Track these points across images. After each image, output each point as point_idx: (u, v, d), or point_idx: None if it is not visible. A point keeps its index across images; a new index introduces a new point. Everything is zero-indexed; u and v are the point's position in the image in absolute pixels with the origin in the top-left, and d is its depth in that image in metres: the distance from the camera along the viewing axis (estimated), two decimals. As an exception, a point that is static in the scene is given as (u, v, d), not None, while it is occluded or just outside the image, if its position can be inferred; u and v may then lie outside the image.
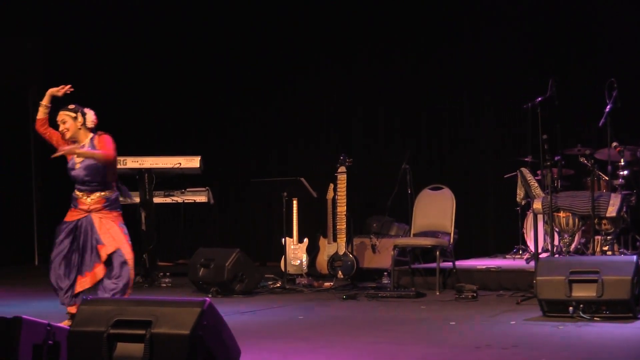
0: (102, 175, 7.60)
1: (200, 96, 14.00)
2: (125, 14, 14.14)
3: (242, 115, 13.87)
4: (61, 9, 14.39)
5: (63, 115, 7.72)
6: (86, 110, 7.82)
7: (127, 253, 7.47)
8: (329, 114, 13.29)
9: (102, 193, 7.61)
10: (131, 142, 13.28)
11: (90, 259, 7.47)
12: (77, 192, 7.67)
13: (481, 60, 12.45)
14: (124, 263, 7.41)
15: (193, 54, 13.99)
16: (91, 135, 7.76)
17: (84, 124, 7.73)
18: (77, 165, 7.64)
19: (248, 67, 13.79)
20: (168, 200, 11.48)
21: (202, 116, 14.07)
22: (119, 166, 10.92)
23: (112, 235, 7.48)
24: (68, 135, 7.69)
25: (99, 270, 7.45)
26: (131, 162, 10.95)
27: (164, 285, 10.76)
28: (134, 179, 11.11)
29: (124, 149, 11.64)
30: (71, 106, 7.78)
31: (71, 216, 7.70)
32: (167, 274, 11.15)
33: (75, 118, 7.72)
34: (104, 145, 7.67)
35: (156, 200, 11.21)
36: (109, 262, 7.43)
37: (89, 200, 7.60)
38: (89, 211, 7.58)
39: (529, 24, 12.10)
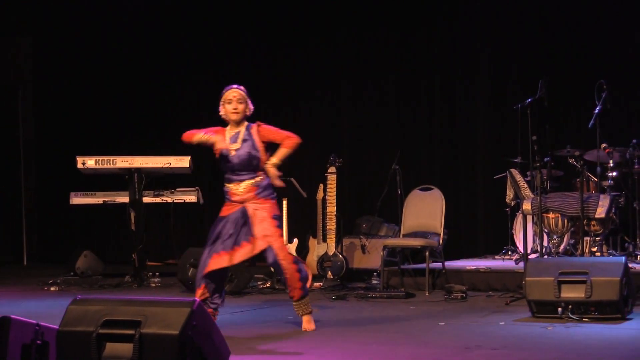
0: (256, 163, 7.16)
1: (191, 95, 13.99)
2: (115, 12, 14.14)
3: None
4: (51, 7, 14.38)
5: (240, 94, 7.25)
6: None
7: (279, 249, 7.05)
8: (319, 114, 13.29)
9: (253, 180, 7.13)
10: (121, 142, 13.33)
11: (232, 243, 7.07)
12: (227, 184, 7.19)
13: (471, 61, 12.48)
14: (276, 261, 7.06)
15: (183, 53, 13.99)
16: (246, 124, 7.28)
17: (249, 110, 7.33)
18: (233, 152, 7.16)
19: (238, 67, 13.78)
20: (158, 200, 11.46)
21: (192, 115, 14.05)
22: (108, 166, 10.96)
23: (264, 230, 7.06)
24: (236, 117, 7.24)
25: (239, 255, 7.10)
26: (121, 162, 10.92)
27: (153, 285, 10.75)
28: (124, 178, 11.10)
29: (113, 149, 11.71)
30: (242, 88, 7.30)
31: (226, 210, 7.17)
32: (157, 273, 11.14)
33: (247, 103, 7.27)
34: (278, 132, 7.29)
35: (146, 200, 11.19)
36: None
37: (240, 190, 7.13)
38: (242, 202, 7.13)
39: (520, 26, 12.12)
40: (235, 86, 7.28)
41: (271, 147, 7.35)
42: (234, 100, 7.20)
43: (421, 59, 12.73)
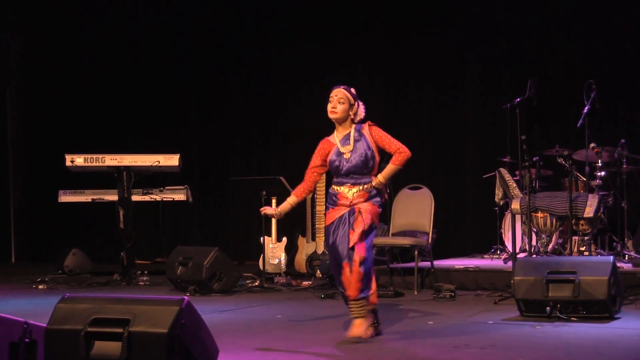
0: (372, 164, 6.86)
1: (180, 94, 13.98)
2: (104, 10, 14.11)
3: (222, 113, 13.86)
4: (40, 4, 14.35)
5: (342, 93, 6.89)
6: (361, 102, 7.00)
7: (357, 254, 6.61)
8: (308, 112, 13.29)
9: (366, 185, 6.78)
10: (110, 140, 13.31)
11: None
12: (336, 187, 6.86)
13: (461, 60, 12.49)
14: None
15: (172, 51, 13.97)
16: (354, 125, 6.94)
17: (355, 114, 6.92)
18: (347, 155, 6.84)
19: (228, 65, 13.78)
20: (146, 198, 11.44)
21: (182, 114, 14.06)
22: (97, 164, 10.93)
23: (358, 229, 6.67)
24: (334, 116, 6.89)
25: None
26: (109, 160, 10.90)
27: (142, 283, 10.73)
28: (113, 176, 11.08)
29: (102, 147, 11.68)
30: (353, 90, 6.99)
31: (332, 217, 6.83)
32: (145, 272, 11.12)
33: (352, 105, 6.90)
34: (390, 142, 6.95)
35: (134, 198, 11.17)
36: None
37: (351, 194, 6.79)
38: (350, 205, 6.78)
39: (510, 25, 12.15)
40: (340, 86, 6.97)
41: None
42: (334, 99, 6.87)
43: (411, 58, 12.75)
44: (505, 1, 12.16)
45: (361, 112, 7.00)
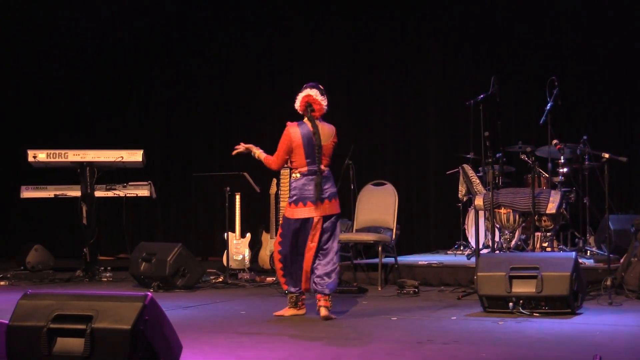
0: None
1: (143, 89, 13.92)
2: (66, 3, 14.02)
3: (186, 109, 13.81)
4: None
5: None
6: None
7: None
8: (272, 107, 13.28)
9: None
10: (73, 136, 13.23)
11: None
12: None
13: (424, 57, 12.53)
14: None
15: (134, 46, 13.90)
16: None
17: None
18: None
19: (191, 60, 13.73)
20: (110, 194, 11.39)
21: (146, 110, 14.00)
22: (59, 159, 10.85)
23: None
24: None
25: None
26: (73, 156, 10.84)
27: (105, 279, 10.68)
28: (75, 172, 11.01)
29: (65, 143, 11.61)
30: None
31: None
32: (108, 268, 11.07)
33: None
34: None
35: (98, 194, 11.11)
36: None
37: None
38: None
39: (472, 22, 12.20)
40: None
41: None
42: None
43: (373, 53, 12.77)
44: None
45: (296, 105, 7.98)
